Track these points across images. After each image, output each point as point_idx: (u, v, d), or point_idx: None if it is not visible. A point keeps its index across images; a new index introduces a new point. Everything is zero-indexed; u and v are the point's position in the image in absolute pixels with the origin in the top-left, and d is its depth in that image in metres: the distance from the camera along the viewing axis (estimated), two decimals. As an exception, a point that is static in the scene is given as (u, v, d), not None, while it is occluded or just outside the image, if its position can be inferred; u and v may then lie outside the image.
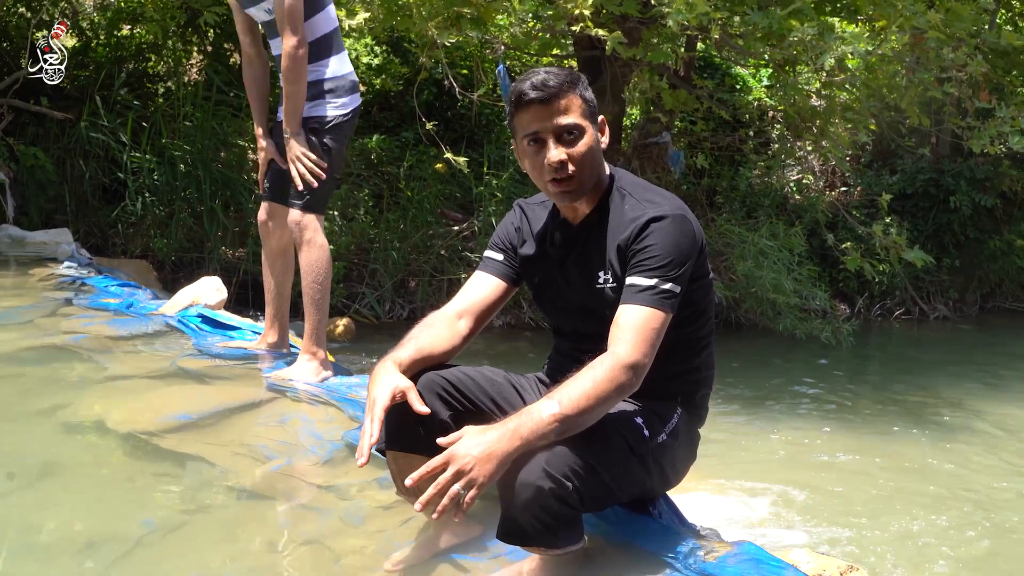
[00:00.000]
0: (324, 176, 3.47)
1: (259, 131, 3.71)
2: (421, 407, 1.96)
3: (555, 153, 2.03)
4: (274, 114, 3.72)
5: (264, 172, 3.73)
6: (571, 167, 2.04)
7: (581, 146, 2.04)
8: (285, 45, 3.35)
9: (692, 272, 2.03)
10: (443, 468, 1.78)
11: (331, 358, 3.69)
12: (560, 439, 1.83)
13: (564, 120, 2.03)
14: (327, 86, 3.52)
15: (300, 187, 3.45)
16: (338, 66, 3.57)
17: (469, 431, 1.83)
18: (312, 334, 3.52)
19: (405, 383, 2.00)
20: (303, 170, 3.43)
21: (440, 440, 1.85)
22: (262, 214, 3.79)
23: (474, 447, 1.79)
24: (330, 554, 2.21)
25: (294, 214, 3.49)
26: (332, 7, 3.55)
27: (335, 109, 3.53)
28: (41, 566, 2.16)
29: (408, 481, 1.80)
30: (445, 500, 1.77)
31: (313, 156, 3.44)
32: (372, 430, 1.95)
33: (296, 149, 3.43)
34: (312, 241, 3.50)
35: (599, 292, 2.09)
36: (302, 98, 3.41)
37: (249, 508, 2.51)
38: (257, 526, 2.41)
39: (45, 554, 2.21)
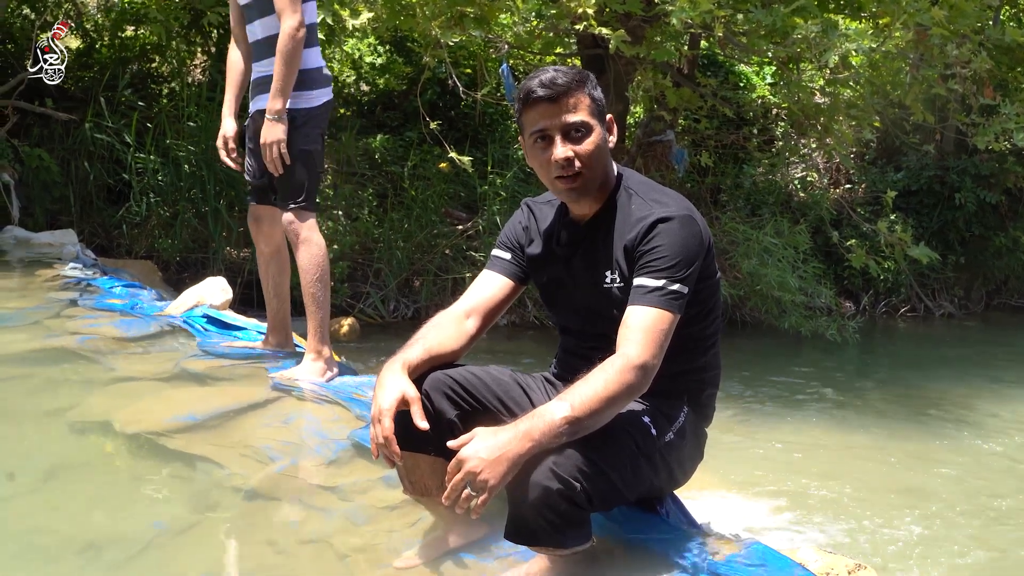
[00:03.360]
0: (288, 165, 3.42)
1: (228, 111, 3.69)
2: (422, 423, 1.96)
3: (561, 150, 2.03)
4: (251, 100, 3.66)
5: (232, 147, 3.69)
6: (577, 164, 2.04)
7: (588, 144, 2.04)
8: (286, 25, 3.31)
9: (700, 272, 2.03)
10: (456, 471, 1.80)
11: (337, 357, 3.69)
12: (570, 440, 1.83)
13: (572, 118, 2.03)
14: (311, 76, 3.51)
15: (277, 172, 3.40)
16: (316, 58, 3.57)
17: (480, 433, 1.83)
18: (316, 333, 3.51)
19: (412, 393, 1.99)
20: (275, 155, 3.37)
21: (450, 443, 1.85)
22: (251, 217, 3.77)
23: (484, 450, 1.79)
24: (336, 554, 2.21)
25: (287, 215, 3.47)
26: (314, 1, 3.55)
27: (312, 101, 3.52)
28: (48, 567, 2.16)
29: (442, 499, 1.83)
30: (459, 502, 1.80)
31: (284, 148, 3.38)
32: (381, 443, 1.98)
33: (277, 132, 3.36)
34: (308, 240, 3.48)
35: (606, 292, 2.09)
36: (293, 80, 3.36)
37: (255, 508, 2.51)
38: (263, 526, 2.41)
39: (51, 555, 2.21)
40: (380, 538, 2.27)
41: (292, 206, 3.46)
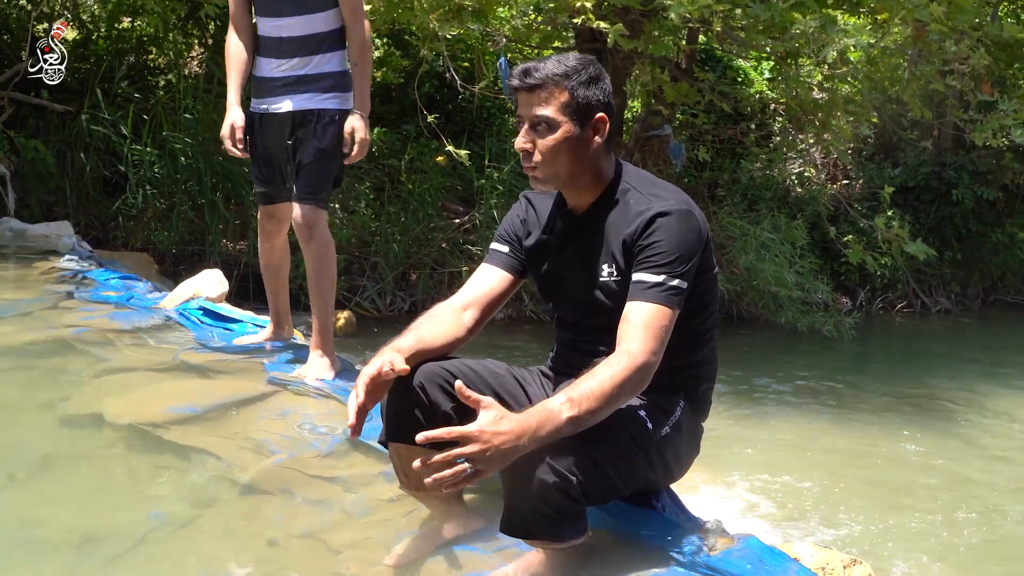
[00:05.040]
0: (324, 160, 3.40)
1: (235, 99, 3.50)
2: (402, 365, 1.97)
3: (519, 140, 2.07)
4: (261, 98, 3.51)
5: (240, 137, 3.47)
6: (536, 157, 2.06)
7: (548, 139, 2.05)
8: (362, 32, 3.36)
9: (698, 266, 2.03)
10: (459, 440, 1.73)
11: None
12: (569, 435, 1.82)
13: (538, 111, 2.04)
14: (348, 78, 3.49)
15: (354, 158, 3.40)
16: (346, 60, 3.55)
17: (495, 411, 1.77)
18: (324, 330, 3.49)
19: (396, 355, 2.00)
20: (355, 156, 3.39)
21: (447, 431, 1.78)
22: (271, 217, 3.66)
23: (498, 437, 1.74)
24: (333, 547, 2.21)
25: (304, 210, 3.41)
26: None
27: (349, 103, 3.49)
28: (43, 560, 2.16)
29: (419, 437, 1.75)
30: (448, 472, 1.74)
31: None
32: (359, 392, 1.98)
33: (365, 131, 3.39)
34: (322, 236, 3.45)
35: (602, 285, 2.09)
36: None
37: (252, 501, 2.51)
38: (260, 519, 2.41)
39: (46, 548, 2.21)
40: (376, 531, 2.27)
41: (312, 201, 3.42)
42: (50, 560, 2.16)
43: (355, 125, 3.38)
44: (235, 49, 3.60)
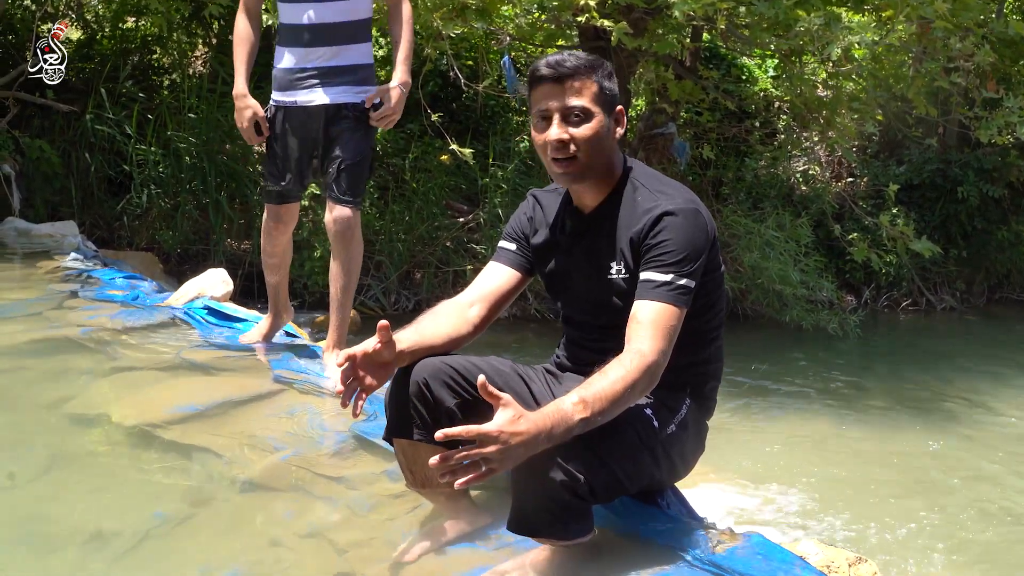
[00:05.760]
0: (362, 161, 3.42)
1: (244, 88, 3.45)
2: (382, 330, 2.00)
3: (555, 131, 2.03)
4: (287, 90, 3.45)
5: (257, 130, 3.46)
6: (572, 148, 2.04)
7: (586, 129, 2.04)
8: (408, 9, 3.40)
9: (705, 265, 2.03)
10: (476, 439, 1.70)
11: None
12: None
13: (573, 101, 2.02)
14: (373, 71, 3.48)
15: (382, 125, 3.40)
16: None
17: (513, 411, 1.73)
18: (344, 330, 3.49)
19: (368, 345, 2.03)
20: (389, 121, 3.39)
21: (458, 430, 1.74)
22: (277, 216, 3.61)
23: (515, 438, 1.71)
24: (337, 545, 2.21)
25: (347, 212, 3.39)
26: None
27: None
28: (47, 558, 2.16)
29: (439, 435, 1.69)
30: (462, 471, 1.70)
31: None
32: (339, 359, 2.03)
33: (398, 101, 3.36)
34: (357, 238, 3.44)
35: (610, 283, 2.08)
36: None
37: (256, 499, 2.51)
38: (264, 517, 2.41)
39: (51, 546, 2.21)
40: (381, 528, 2.27)
41: (353, 204, 3.41)
42: (54, 558, 2.16)
43: (386, 92, 3.35)
44: (246, 33, 3.53)
